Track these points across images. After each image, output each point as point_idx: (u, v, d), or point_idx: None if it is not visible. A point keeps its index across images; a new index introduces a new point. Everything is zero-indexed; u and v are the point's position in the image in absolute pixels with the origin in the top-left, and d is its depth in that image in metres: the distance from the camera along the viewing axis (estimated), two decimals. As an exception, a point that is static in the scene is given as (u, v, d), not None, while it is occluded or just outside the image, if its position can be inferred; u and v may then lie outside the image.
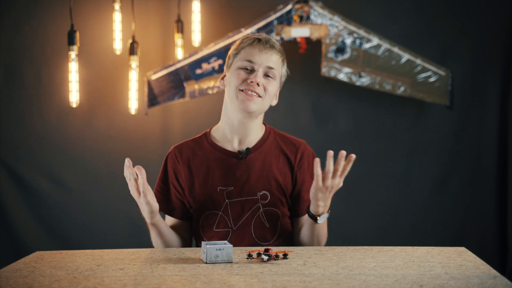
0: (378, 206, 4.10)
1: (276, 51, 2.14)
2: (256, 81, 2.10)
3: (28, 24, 4.06)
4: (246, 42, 2.16)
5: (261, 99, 2.12)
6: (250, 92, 2.10)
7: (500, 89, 4.02)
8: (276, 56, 2.14)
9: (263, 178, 2.16)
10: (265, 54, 2.12)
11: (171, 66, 3.92)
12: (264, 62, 2.12)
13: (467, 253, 1.95)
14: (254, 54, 2.12)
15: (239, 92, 2.11)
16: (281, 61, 2.17)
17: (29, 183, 4.08)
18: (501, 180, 4.04)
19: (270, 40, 2.15)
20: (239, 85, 2.11)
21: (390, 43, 3.81)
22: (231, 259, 1.81)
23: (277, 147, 2.21)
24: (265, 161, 2.18)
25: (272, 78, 2.14)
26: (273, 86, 2.15)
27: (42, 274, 1.71)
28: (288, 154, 2.20)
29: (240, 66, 2.13)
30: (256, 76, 2.10)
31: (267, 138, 2.21)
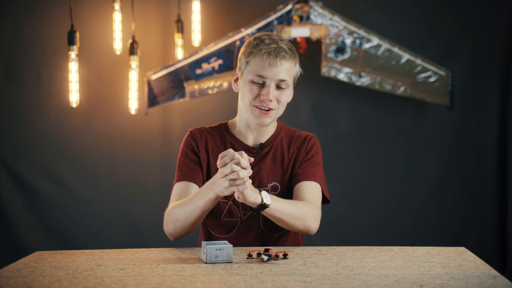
0: (378, 206, 4.10)
1: (287, 60, 2.13)
2: (268, 98, 2.11)
3: (28, 24, 4.06)
4: (256, 54, 2.13)
5: (275, 111, 2.15)
6: (263, 108, 2.12)
7: (500, 89, 4.02)
8: (287, 65, 2.13)
9: (273, 170, 2.20)
10: (276, 67, 2.11)
11: (171, 66, 3.92)
12: (276, 76, 2.11)
13: (467, 253, 1.95)
14: (264, 68, 2.11)
15: (253, 108, 2.14)
16: (293, 65, 2.16)
17: (29, 183, 4.08)
18: (501, 180, 4.04)
19: (281, 51, 2.11)
20: (253, 100, 2.13)
21: (390, 43, 3.81)
22: (231, 259, 1.81)
23: (288, 142, 2.24)
24: (276, 154, 2.22)
25: (285, 88, 2.15)
26: (286, 95, 2.16)
27: (42, 274, 1.71)
28: (298, 147, 2.23)
29: (252, 80, 2.14)
30: (269, 93, 2.11)
31: (278, 134, 2.25)
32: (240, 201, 1.96)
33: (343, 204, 4.09)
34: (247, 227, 2.17)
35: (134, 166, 4.13)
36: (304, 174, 2.18)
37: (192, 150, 2.21)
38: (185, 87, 3.92)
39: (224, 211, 2.18)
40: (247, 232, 2.17)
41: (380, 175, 4.10)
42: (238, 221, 2.18)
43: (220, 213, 2.18)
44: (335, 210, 4.06)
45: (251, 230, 2.17)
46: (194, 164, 2.19)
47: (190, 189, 2.14)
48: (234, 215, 2.18)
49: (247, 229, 2.17)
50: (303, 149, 2.23)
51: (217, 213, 2.18)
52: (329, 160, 4.03)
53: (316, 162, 2.22)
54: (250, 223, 2.17)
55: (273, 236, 2.18)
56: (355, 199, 4.10)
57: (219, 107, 4.06)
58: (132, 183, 4.11)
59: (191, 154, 2.20)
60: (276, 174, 2.20)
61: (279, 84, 2.13)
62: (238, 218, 2.18)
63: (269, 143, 2.23)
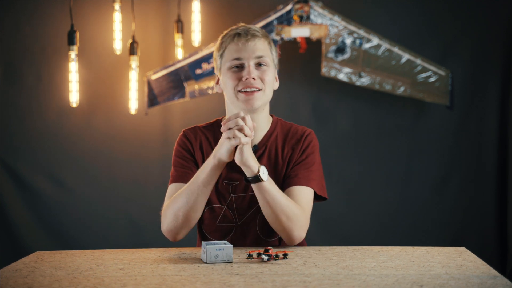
0: (378, 206, 4.10)
1: (259, 37, 2.08)
2: (251, 77, 2.04)
3: (28, 24, 4.06)
4: (227, 40, 2.10)
5: (262, 91, 2.07)
6: (249, 89, 2.05)
7: (500, 89, 4.02)
8: (261, 43, 2.08)
9: (269, 173, 2.08)
10: (249, 45, 2.06)
11: (171, 66, 3.92)
12: (252, 53, 2.06)
13: (467, 253, 1.95)
14: (238, 49, 2.06)
15: (238, 94, 2.06)
16: (267, 44, 2.10)
17: (29, 183, 4.08)
18: (501, 180, 4.04)
19: (249, 30, 2.08)
20: (236, 86, 2.06)
21: (390, 43, 3.81)
22: (231, 259, 1.81)
23: (283, 140, 2.16)
24: (271, 156, 2.13)
25: (265, 66, 2.08)
26: (269, 73, 2.09)
27: (42, 274, 1.71)
28: (293, 146, 2.14)
29: (229, 67, 2.08)
30: (249, 71, 2.05)
31: (273, 131, 2.16)
32: (238, 163, 1.94)
33: (343, 204, 4.09)
34: (243, 231, 2.12)
35: (134, 166, 4.13)
36: (296, 178, 2.08)
37: (187, 150, 2.15)
38: (185, 87, 3.92)
39: (219, 216, 2.12)
40: (243, 237, 2.12)
41: (380, 175, 4.10)
42: (234, 226, 2.12)
43: (215, 218, 2.13)
44: (335, 210, 4.06)
45: (247, 235, 2.12)
46: (189, 164, 2.13)
47: None
48: (230, 220, 2.12)
49: (243, 234, 2.12)
50: (298, 149, 2.13)
51: (212, 218, 2.13)
52: (329, 160, 4.03)
53: (310, 163, 2.12)
54: (246, 228, 2.12)
55: (269, 241, 2.13)
56: (355, 199, 4.10)
57: (219, 107, 4.03)
58: (132, 183, 4.11)
59: (186, 154, 2.14)
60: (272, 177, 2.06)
61: (259, 61, 2.07)
62: (234, 223, 2.12)
63: (263, 143, 2.14)
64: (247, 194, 2.11)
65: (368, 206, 4.11)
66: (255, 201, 2.09)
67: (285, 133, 2.17)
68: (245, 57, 2.06)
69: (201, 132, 2.18)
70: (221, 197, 2.12)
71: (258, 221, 2.11)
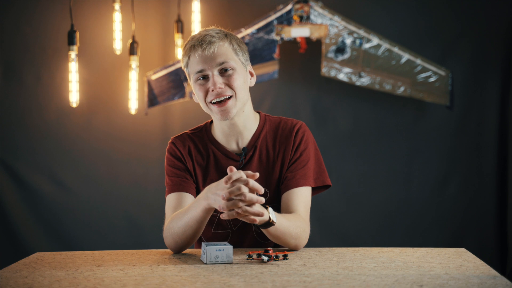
0: (378, 206, 4.10)
1: (217, 42, 1.98)
2: (216, 87, 1.97)
3: (28, 24, 4.06)
4: (186, 53, 2.02)
5: (233, 98, 1.99)
6: (218, 100, 1.98)
7: (500, 89, 4.02)
8: (220, 48, 1.99)
9: (262, 175, 2.05)
10: (206, 55, 1.97)
11: (171, 66, 3.93)
12: (211, 63, 1.97)
13: (467, 253, 1.95)
14: (198, 62, 1.98)
15: (210, 105, 2.00)
16: (228, 46, 2.01)
17: (29, 183, 4.08)
18: (501, 180, 4.04)
19: (205, 38, 1.98)
20: (206, 98, 2.00)
21: (390, 43, 3.81)
22: (231, 259, 1.81)
23: (273, 138, 2.10)
24: (262, 156, 2.08)
25: (230, 70, 1.99)
26: (236, 77, 1.99)
27: (42, 274, 1.71)
28: (284, 140, 2.09)
29: (195, 79, 2.01)
30: (213, 81, 1.97)
31: (261, 130, 2.10)
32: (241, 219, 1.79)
33: (343, 204, 4.09)
34: (239, 237, 2.09)
35: (134, 166, 4.13)
36: (294, 179, 2.04)
37: (177, 158, 2.10)
38: (185, 87, 3.92)
39: (214, 223, 2.09)
40: (241, 242, 2.09)
41: (380, 175, 4.10)
42: (230, 232, 2.09)
43: (210, 225, 2.09)
44: (335, 210, 4.07)
45: (244, 239, 2.09)
46: (183, 172, 2.08)
47: (184, 199, 2.05)
48: (225, 227, 2.09)
49: (240, 239, 2.09)
50: (290, 146, 2.07)
51: (207, 226, 2.06)
52: (329, 160, 4.02)
53: (305, 160, 2.07)
54: (242, 233, 2.09)
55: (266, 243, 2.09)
56: (355, 199, 4.10)
57: (219, 107, 4.05)
58: (132, 183, 4.12)
59: (177, 162, 2.09)
60: (264, 179, 2.06)
61: (221, 67, 1.98)
62: (229, 230, 2.09)
63: (252, 144, 2.08)
64: None
65: (368, 206, 4.11)
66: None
67: (275, 130, 2.11)
68: (206, 68, 1.98)
69: (189, 139, 2.12)
70: None
71: (254, 224, 2.09)
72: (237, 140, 2.09)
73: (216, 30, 2.03)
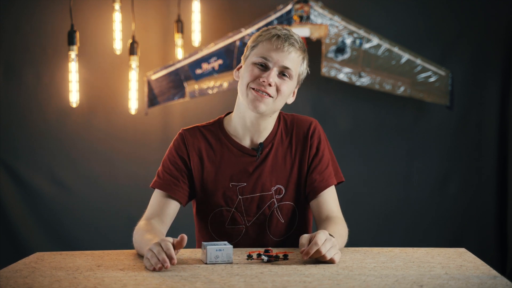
0: (378, 206, 4.10)
1: (296, 49, 2.01)
2: (268, 81, 1.97)
3: (28, 24, 4.06)
4: (265, 36, 2.02)
5: (272, 99, 2.00)
6: (261, 92, 1.98)
7: (500, 89, 4.02)
8: (294, 55, 2.01)
9: (276, 172, 2.08)
10: (282, 52, 1.99)
11: (171, 66, 3.92)
12: (280, 61, 1.99)
13: (467, 253, 1.95)
14: (270, 50, 1.99)
15: (249, 90, 1.99)
16: (300, 59, 2.04)
17: (29, 183, 4.08)
18: (501, 180, 4.04)
19: (290, 38, 2.00)
20: (251, 82, 1.99)
21: (390, 43, 3.81)
22: (231, 259, 1.81)
23: (288, 135, 2.11)
24: (278, 153, 2.09)
25: (287, 78, 2.02)
26: (288, 86, 2.02)
27: (42, 274, 1.71)
28: (301, 140, 2.11)
29: (254, 62, 2.00)
30: (270, 75, 1.98)
31: (277, 129, 2.11)
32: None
33: (343, 204, 4.07)
34: (253, 233, 2.10)
35: (134, 166, 4.13)
36: (322, 182, 2.08)
37: (180, 156, 2.09)
38: (185, 87, 3.92)
39: (228, 219, 2.10)
40: (254, 238, 2.10)
41: (380, 175, 4.10)
42: (243, 228, 2.10)
43: (223, 221, 2.10)
44: (335, 210, 4.06)
45: (257, 236, 2.10)
46: (179, 173, 2.08)
47: (167, 205, 2.05)
48: (238, 223, 2.10)
49: (253, 235, 2.10)
50: (308, 148, 2.09)
51: (220, 221, 2.10)
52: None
53: (326, 158, 2.11)
54: (255, 229, 2.10)
55: (278, 240, 2.12)
56: (355, 199, 4.10)
57: (219, 107, 4.05)
58: (132, 183, 4.11)
59: (178, 160, 2.09)
60: (279, 176, 2.08)
61: (283, 71, 2.00)
62: (243, 225, 2.10)
63: (269, 141, 2.09)
64: (255, 195, 2.09)
65: (368, 206, 4.11)
66: (263, 202, 2.09)
67: (290, 128, 2.12)
68: (273, 61, 1.99)
69: (200, 134, 2.11)
70: (229, 199, 2.09)
71: (267, 221, 2.10)
72: (252, 137, 2.10)
73: (300, 38, 2.06)
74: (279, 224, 2.10)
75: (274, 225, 2.10)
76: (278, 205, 2.10)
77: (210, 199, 2.10)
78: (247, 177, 2.08)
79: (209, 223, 2.13)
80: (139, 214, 2.14)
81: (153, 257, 1.72)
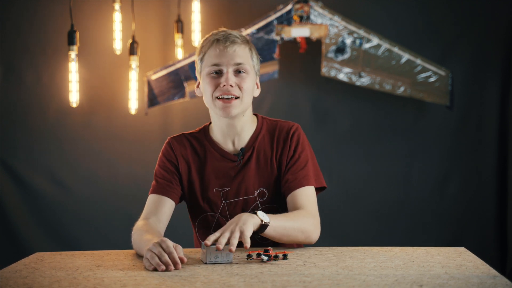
0: (378, 206, 4.10)
1: (239, 44, 2.04)
2: (228, 83, 2.01)
3: (28, 24, 4.06)
4: (206, 45, 2.06)
5: (239, 99, 2.03)
6: (226, 97, 2.02)
7: (500, 89, 4.02)
8: (241, 49, 2.04)
9: (259, 175, 2.10)
10: (228, 52, 2.02)
11: (171, 66, 3.93)
12: (230, 60, 2.02)
13: (467, 253, 1.95)
14: (217, 55, 2.02)
15: (215, 100, 2.04)
16: (248, 50, 2.06)
17: (29, 183, 4.08)
18: (501, 180, 4.04)
19: (229, 36, 2.04)
20: (214, 92, 2.04)
21: (390, 43, 3.81)
22: (230, 259, 1.81)
23: (270, 139, 2.13)
24: (260, 157, 2.11)
25: (244, 73, 2.04)
26: (248, 81, 2.05)
27: (42, 274, 1.71)
28: (281, 142, 2.12)
29: (208, 72, 2.04)
30: (227, 78, 2.01)
31: (259, 132, 2.13)
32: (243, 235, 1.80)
33: (343, 204, 4.09)
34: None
35: (134, 166, 4.13)
36: (295, 181, 2.07)
37: (170, 161, 2.13)
38: (185, 87, 3.92)
39: (213, 224, 2.12)
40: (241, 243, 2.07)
41: (380, 175, 4.10)
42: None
43: (209, 227, 2.12)
44: (335, 210, 4.06)
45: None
46: (171, 176, 2.12)
47: (162, 204, 2.09)
48: None
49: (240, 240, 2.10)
50: (287, 148, 2.10)
51: (206, 226, 2.12)
52: (329, 160, 4.03)
53: (304, 160, 2.10)
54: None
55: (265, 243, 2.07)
56: (355, 199, 4.10)
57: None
58: (132, 183, 4.11)
59: (169, 165, 2.13)
60: (261, 179, 2.10)
61: (237, 68, 2.03)
62: None
63: (250, 145, 2.11)
64: (239, 199, 2.11)
65: (368, 206, 4.11)
66: (247, 205, 2.10)
67: (272, 132, 2.14)
68: (223, 63, 2.03)
69: (187, 141, 2.16)
70: (213, 204, 2.12)
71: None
72: (234, 141, 2.13)
73: (238, 33, 2.08)
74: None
75: None
76: (262, 208, 2.11)
77: (196, 205, 2.14)
78: (230, 181, 2.10)
79: (196, 228, 2.16)
80: (139, 214, 2.15)
81: (153, 257, 1.72)
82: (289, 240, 1.98)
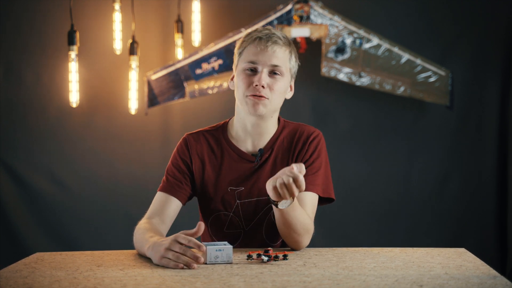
0: (378, 206, 4.10)
1: (280, 46, 2.03)
2: (260, 84, 2.00)
3: (28, 24, 4.06)
4: (248, 41, 2.05)
5: (268, 100, 2.03)
6: (257, 96, 2.01)
7: (500, 89, 4.02)
8: (280, 51, 2.03)
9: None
10: (267, 52, 2.01)
11: (171, 66, 3.93)
12: (268, 60, 2.02)
13: (467, 253, 1.95)
14: (256, 53, 2.02)
15: (247, 99, 2.03)
16: (287, 53, 2.06)
17: (29, 183, 4.08)
18: (501, 180, 4.05)
19: (272, 36, 2.03)
20: (246, 90, 2.02)
21: (390, 43, 3.81)
22: (231, 259, 1.81)
23: (289, 142, 2.12)
24: (277, 159, 2.10)
25: (279, 75, 2.04)
26: (281, 83, 2.04)
27: (42, 274, 1.71)
28: (300, 146, 2.11)
29: (244, 68, 2.04)
30: (260, 78, 2.00)
31: (279, 135, 2.12)
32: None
33: (343, 204, 4.09)
34: (250, 237, 2.11)
35: (134, 166, 4.13)
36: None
37: (183, 160, 2.13)
38: (185, 87, 3.92)
39: (226, 223, 2.12)
40: (250, 242, 2.12)
41: (380, 175, 4.10)
42: (242, 232, 2.12)
43: (222, 225, 2.12)
44: (335, 210, 4.06)
45: (253, 240, 2.11)
46: (182, 175, 2.11)
47: (169, 204, 2.08)
48: (237, 227, 2.11)
49: (250, 239, 2.12)
50: (303, 152, 2.10)
51: (219, 225, 2.13)
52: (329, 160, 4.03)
53: (316, 167, 2.09)
54: (253, 234, 2.11)
55: (273, 245, 2.13)
56: (355, 199, 4.10)
57: (219, 107, 4.06)
58: (132, 183, 4.11)
59: (181, 164, 2.12)
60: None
61: (273, 69, 2.03)
62: (241, 230, 2.12)
63: (269, 147, 2.11)
64: (253, 199, 2.10)
65: (368, 206, 4.11)
66: (261, 206, 2.10)
67: (292, 135, 2.13)
68: (260, 62, 2.02)
69: (204, 138, 2.15)
70: (227, 203, 2.11)
71: (264, 226, 2.11)
72: (253, 141, 2.12)
73: (283, 34, 2.07)
74: (274, 228, 2.10)
75: (270, 230, 2.10)
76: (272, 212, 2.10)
77: (209, 203, 2.13)
78: (245, 181, 2.10)
79: (209, 226, 2.15)
80: (139, 214, 2.15)
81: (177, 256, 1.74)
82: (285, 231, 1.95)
